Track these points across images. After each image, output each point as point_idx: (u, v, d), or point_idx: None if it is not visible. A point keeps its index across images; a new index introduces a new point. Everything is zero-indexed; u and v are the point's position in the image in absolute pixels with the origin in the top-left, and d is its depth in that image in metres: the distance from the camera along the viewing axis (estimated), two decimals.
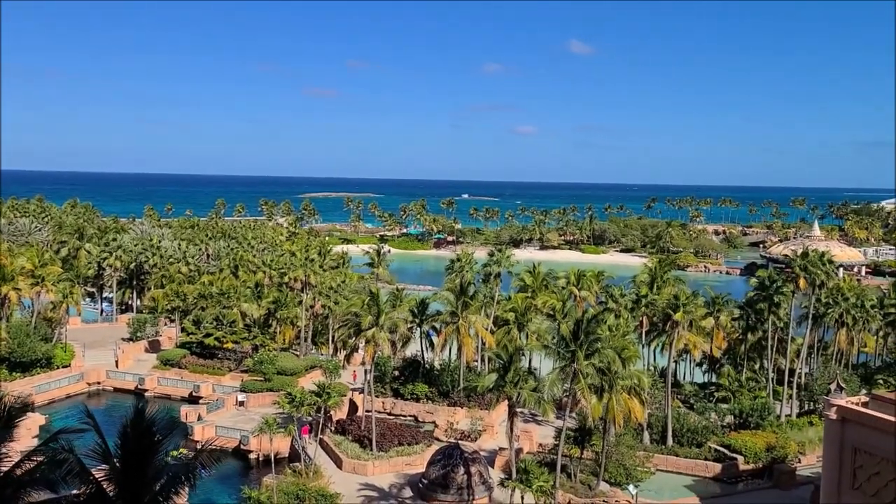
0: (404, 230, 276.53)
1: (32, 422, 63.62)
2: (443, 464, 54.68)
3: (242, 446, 67.18)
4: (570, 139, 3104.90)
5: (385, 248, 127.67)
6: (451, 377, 76.10)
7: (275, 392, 74.92)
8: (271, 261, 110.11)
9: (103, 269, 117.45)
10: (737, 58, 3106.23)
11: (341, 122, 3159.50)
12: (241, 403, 75.92)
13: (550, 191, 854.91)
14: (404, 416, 74.21)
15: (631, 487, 55.15)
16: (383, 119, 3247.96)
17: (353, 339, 66.23)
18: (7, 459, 23.61)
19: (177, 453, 41.75)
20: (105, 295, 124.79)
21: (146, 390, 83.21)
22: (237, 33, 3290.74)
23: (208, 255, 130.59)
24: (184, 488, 24.43)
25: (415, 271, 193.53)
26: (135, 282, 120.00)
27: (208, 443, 26.66)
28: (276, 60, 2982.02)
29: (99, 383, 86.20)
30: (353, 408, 73.89)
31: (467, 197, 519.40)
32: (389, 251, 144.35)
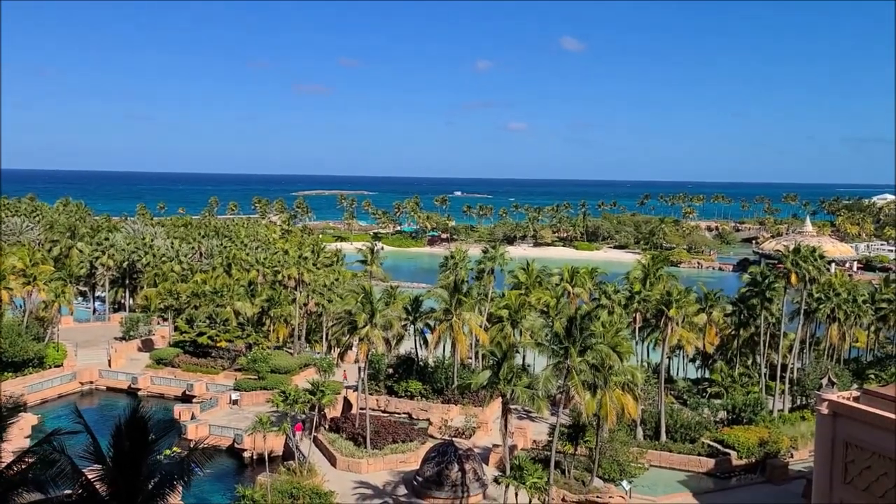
0: (398, 228, 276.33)
1: (25, 422, 63.23)
2: (437, 461, 54.76)
3: (236, 445, 67.08)
4: (562, 136, 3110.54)
5: (379, 245, 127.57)
6: (445, 374, 76.21)
7: (269, 390, 74.93)
8: (265, 259, 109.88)
9: (95, 268, 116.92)
10: (728, 54, 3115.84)
11: (334, 119, 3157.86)
12: (235, 402, 75.83)
13: (544, 187, 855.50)
14: (398, 413, 74.29)
15: (624, 483, 55.43)
16: (376, 117, 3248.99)
17: (347, 337, 66.14)
18: None
19: (170, 452, 41.61)
20: (97, 294, 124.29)
21: (139, 389, 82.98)
22: (228, 31, 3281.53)
23: (201, 254, 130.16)
24: (178, 487, 24.39)
25: (409, 269, 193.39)
26: (127, 281, 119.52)
27: (201, 441, 26.54)
28: (269, 58, 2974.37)
29: (92, 383, 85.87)
30: (347, 406, 73.88)
31: (460, 194, 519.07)
32: (383, 248, 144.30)
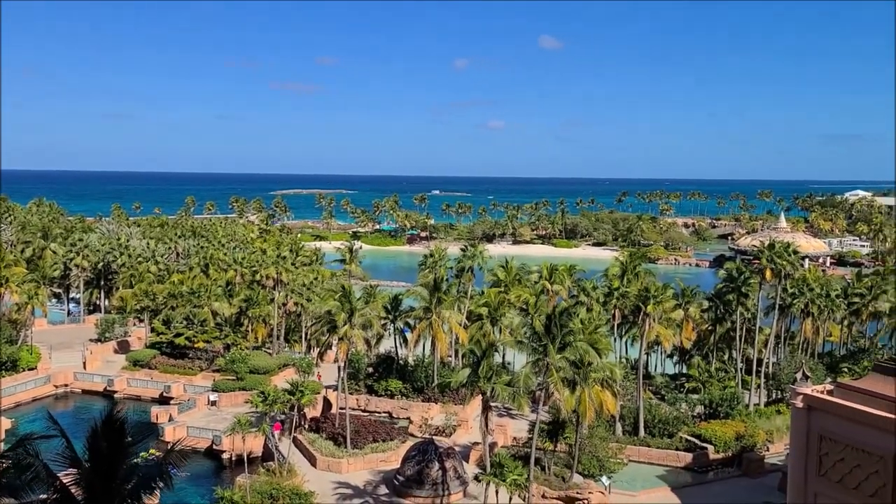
0: (377, 226, 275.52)
1: None
2: (417, 460, 54.73)
3: (215, 446, 66.56)
4: (541, 134, 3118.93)
5: (358, 244, 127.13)
6: (425, 373, 76.19)
7: (247, 391, 74.43)
8: (242, 258, 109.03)
9: (69, 270, 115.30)
10: (703, 53, 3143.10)
11: (313, 118, 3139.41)
12: (213, 403, 75.23)
13: (523, 185, 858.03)
14: (379, 412, 74.15)
15: (604, 479, 55.83)
16: (355, 116, 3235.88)
17: (326, 336, 65.89)
18: None
19: (147, 455, 41.15)
20: (72, 295, 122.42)
21: (115, 392, 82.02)
22: (207, 29, 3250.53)
23: (178, 254, 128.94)
24: (156, 490, 24.16)
25: (388, 267, 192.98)
26: (102, 282, 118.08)
27: (179, 443, 26.29)
28: (247, 56, 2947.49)
29: (66, 385, 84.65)
30: (327, 405, 73.58)
31: (438, 193, 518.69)
32: (362, 247, 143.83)
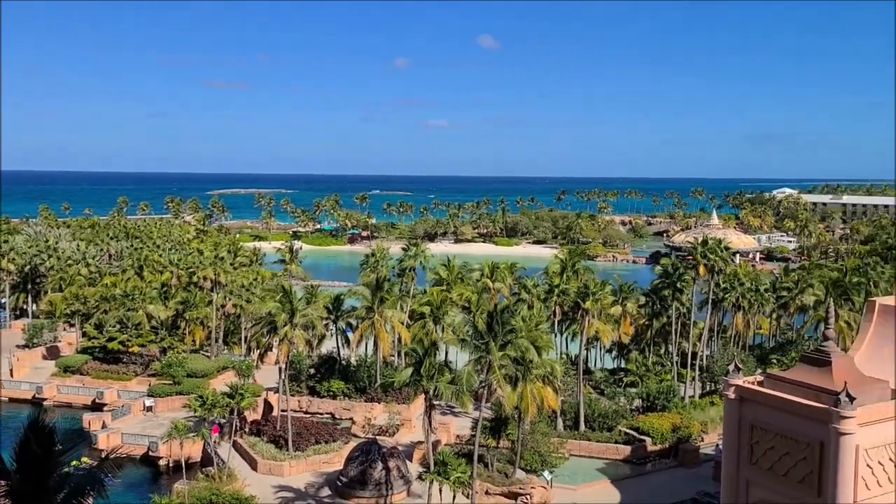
0: (318, 226, 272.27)
1: None
2: (360, 460, 54.47)
3: (151, 453, 64.88)
4: (480, 133, 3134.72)
5: (298, 244, 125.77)
6: (367, 373, 75.80)
7: (185, 395, 72.63)
8: (179, 260, 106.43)
9: None
10: (635, 55, 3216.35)
11: (249, 116, 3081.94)
12: (149, 409, 73.34)
13: (463, 184, 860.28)
14: (321, 413, 73.41)
15: (546, 473, 56.63)
16: (292, 114, 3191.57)
17: (267, 338, 64.83)
18: None
19: (78, 463, 39.74)
20: None
21: (45, 399, 79.08)
22: (137, 25, 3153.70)
23: (110, 256, 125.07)
24: (89, 498, 23.41)
25: (329, 267, 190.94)
26: (30, 285, 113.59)
27: (113, 451, 25.51)
28: (179, 53, 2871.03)
29: None
30: (268, 408, 72.46)
31: (378, 192, 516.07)
32: (302, 247, 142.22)
